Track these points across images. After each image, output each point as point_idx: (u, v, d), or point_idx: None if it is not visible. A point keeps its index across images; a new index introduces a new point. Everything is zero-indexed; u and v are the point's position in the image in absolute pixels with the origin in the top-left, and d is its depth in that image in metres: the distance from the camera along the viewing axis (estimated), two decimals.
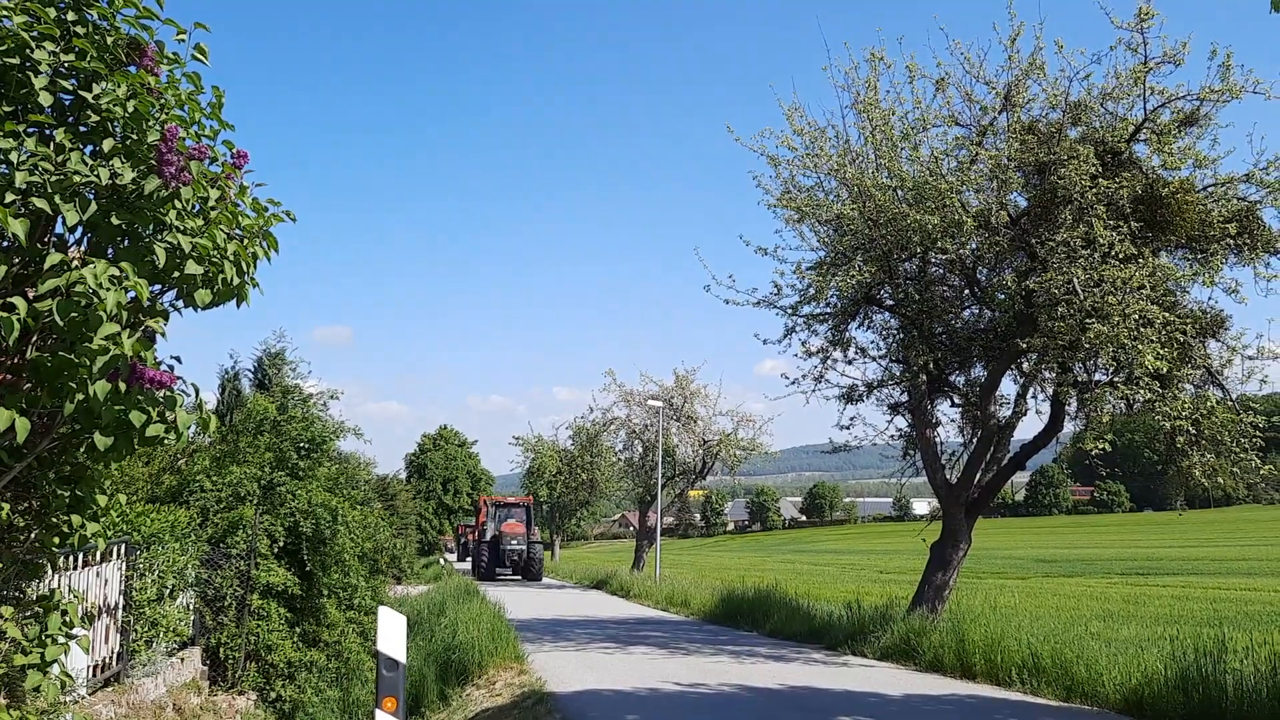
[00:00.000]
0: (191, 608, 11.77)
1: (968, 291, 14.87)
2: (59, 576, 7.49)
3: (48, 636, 4.43)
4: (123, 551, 9.40)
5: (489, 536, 39.22)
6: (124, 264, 3.65)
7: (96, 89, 3.86)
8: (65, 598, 4.66)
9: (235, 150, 4.29)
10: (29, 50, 3.71)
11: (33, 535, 4.30)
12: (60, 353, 3.67)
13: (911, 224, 13.03)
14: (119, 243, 3.93)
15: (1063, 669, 10.15)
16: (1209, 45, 12.15)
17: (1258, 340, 12.93)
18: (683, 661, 13.03)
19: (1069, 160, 12.36)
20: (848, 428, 15.46)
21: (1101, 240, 11.98)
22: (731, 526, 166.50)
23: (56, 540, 4.37)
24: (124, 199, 3.83)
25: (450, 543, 75.86)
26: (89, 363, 3.53)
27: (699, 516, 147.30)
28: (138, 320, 3.90)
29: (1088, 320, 11.81)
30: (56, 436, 3.94)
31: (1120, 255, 11.94)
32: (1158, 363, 11.52)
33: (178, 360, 4.16)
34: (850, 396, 15.55)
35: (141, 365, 3.67)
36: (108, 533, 8.44)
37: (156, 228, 3.88)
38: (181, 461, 15.63)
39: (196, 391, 4.17)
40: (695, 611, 21.43)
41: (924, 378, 14.49)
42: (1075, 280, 11.99)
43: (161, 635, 10.18)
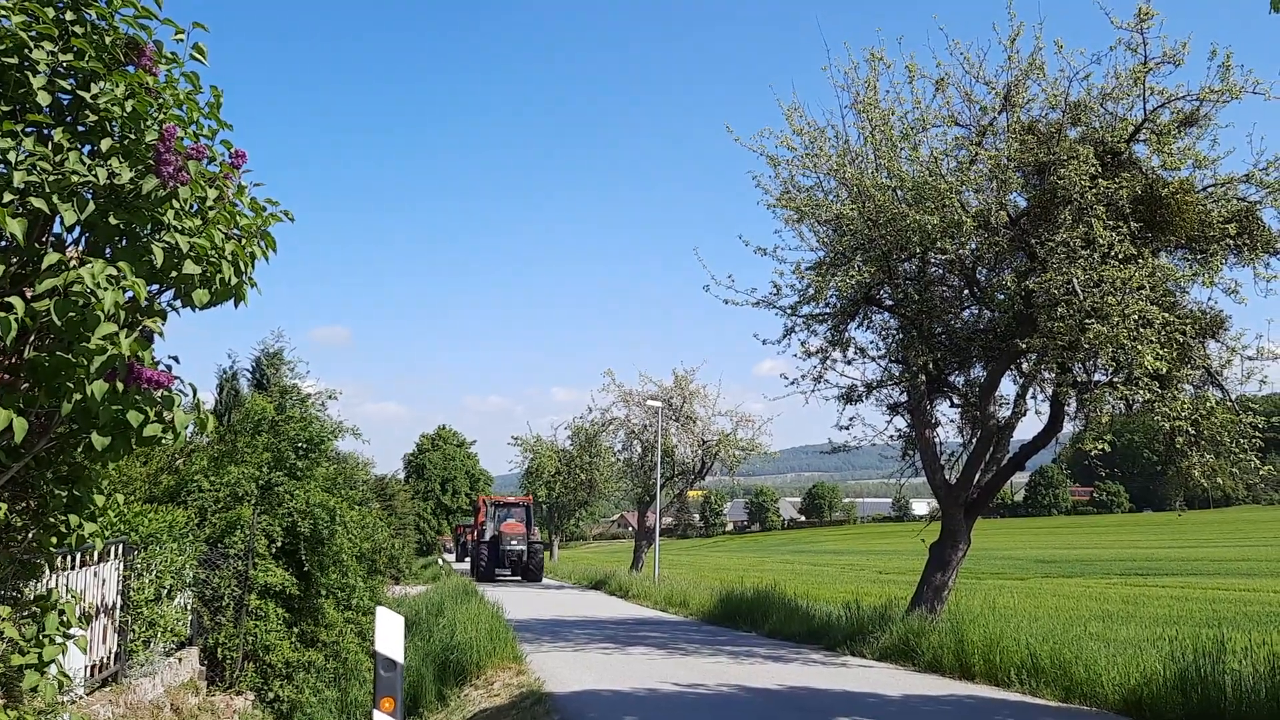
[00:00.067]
0: (189, 608, 11.76)
1: (967, 292, 14.87)
2: (56, 576, 7.48)
3: (45, 636, 4.42)
4: (120, 551, 9.39)
5: (488, 537, 38.93)
6: (122, 264, 3.64)
7: (95, 89, 3.85)
8: (63, 598, 4.65)
9: (233, 150, 4.28)
10: (27, 50, 3.70)
11: (30, 535, 4.30)
12: (58, 352, 3.67)
13: (911, 224, 13.03)
14: (117, 242, 3.92)
15: (1062, 669, 10.15)
16: (1209, 45, 12.17)
17: (1257, 341, 12.95)
18: (681, 662, 13.03)
19: (1069, 160, 12.35)
20: (847, 428, 15.48)
21: (1101, 240, 11.98)
22: (730, 527, 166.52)
23: (54, 540, 4.36)
24: (122, 199, 3.82)
25: (449, 543, 75.77)
26: (86, 362, 3.53)
27: (698, 517, 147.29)
28: (135, 320, 3.89)
29: (1087, 320, 11.81)
30: (54, 436, 3.94)
31: (1120, 256, 11.94)
32: (1157, 363, 11.52)
33: (175, 360, 4.16)
34: (849, 397, 15.55)
35: (139, 365, 3.67)
36: (105, 533, 8.46)
37: (154, 227, 3.87)
38: (179, 461, 15.62)
39: (194, 391, 4.16)
40: (694, 612, 21.43)
41: (923, 378, 14.49)
42: (1075, 280, 11.99)
43: (159, 635, 10.17)
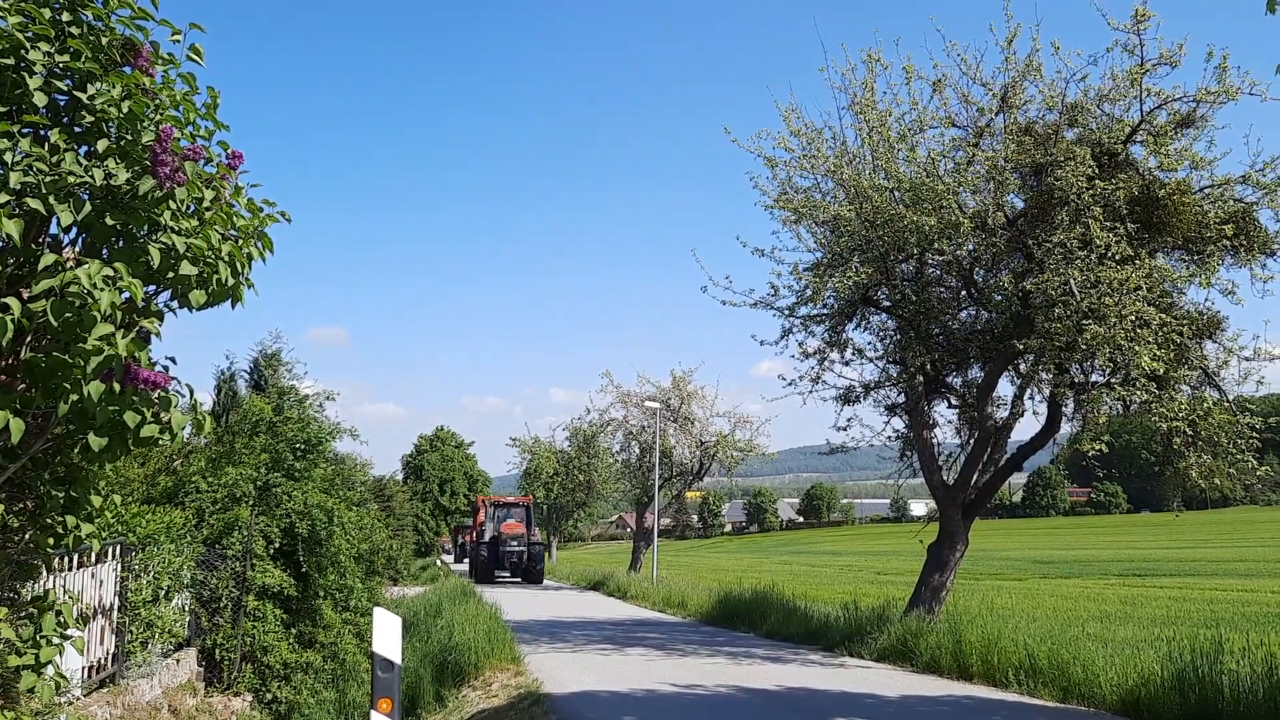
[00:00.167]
0: (187, 609, 11.76)
1: (965, 293, 14.87)
2: (53, 577, 7.48)
3: (42, 637, 4.41)
4: (118, 552, 9.39)
5: (487, 537, 38.72)
6: (118, 264, 3.64)
7: (91, 89, 3.85)
8: (60, 599, 4.64)
9: (230, 151, 4.28)
10: (24, 50, 3.70)
11: (27, 536, 4.29)
12: (54, 353, 3.66)
13: (908, 225, 13.04)
14: (113, 243, 3.91)
15: (1059, 670, 10.16)
16: (1205, 47, 12.18)
17: (1254, 341, 12.97)
18: (679, 663, 13.03)
19: (1066, 162, 12.37)
20: (845, 429, 15.47)
21: (1098, 241, 11.99)
22: (729, 528, 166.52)
23: (51, 541, 4.35)
24: (119, 199, 3.82)
25: (447, 544, 75.57)
26: (83, 363, 3.52)
27: (696, 518, 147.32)
28: (132, 321, 3.89)
29: (1084, 321, 11.82)
30: (51, 437, 3.93)
31: (1117, 256, 11.95)
32: (1154, 364, 11.53)
33: (173, 361, 4.16)
34: (847, 398, 15.55)
35: (136, 366, 3.66)
36: (103, 534, 8.45)
37: (151, 228, 3.87)
38: (177, 462, 15.62)
39: (191, 392, 4.16)
40: (692, 613, 21.43)
41: (921, 379, 14.49)
42: (1072, 281, 12.00)
43: (157, 636, 10.17)
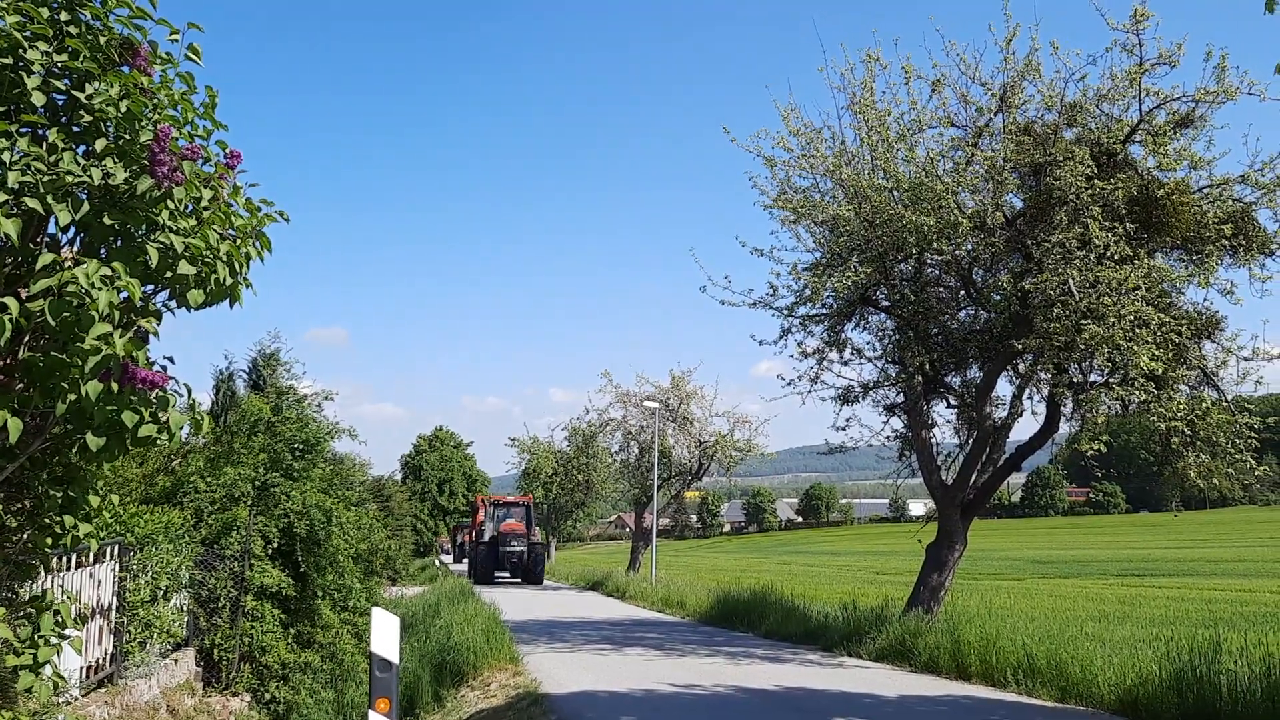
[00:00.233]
0: (185, 609, 11.75)
1: (963, 292, 14.88)
2: (52, 577, 7.47)
3: (40, 637, 4.40)
4: (116, 553, 9.38)
5: (487, 537, 38.47)
6: (116, 264, 3.63)
7: (89, 89, 3.85)
8: (58, 599, 4.64)
9: (228, 150, 4.27)
10: (22, 50, 3.70)
11: (25, 536, 4.28)
12: (52, 353, 3.66)
13: (907, 225, 13.04)
14: (111, 243, 3.91)
15: (1058, 670, 10.16)
16: (1204, 46, 12.19)
17: (1253, 341, 12.98)
18: (678, 663, 13.03)
19: (1064, 161, 12.37)
20: (844, 429, 15.47)
21: (1097, 241, 11.99)
22: (728, 528, 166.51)
23: (49, 541, 4.35)
24: (117, 199, 3.81)
25: (446, 544, 75.47)
26: (81, 363, 3.52)
27: (695, 518, 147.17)
28: (130, 320, 3.88)
29: (1083, 321, 11.82)
30: (49, 437, 3.93)
31: (1116, 256, 11.95)
32: (1153, 364, 11.53)
33: (171, 361, 4.16)
34: (846, 398, 15.55)
35: (134, 365, 3.66)
36: (101, 534, 8.43)
37: (149, 228, 3.87)
38: (175, 462, 15.61)
39: (189, 392, 4.16)
40: (691, 613, 21.43)
41: (920, 379, 14.49)
42: (1071, 281, 12.00)
43: (155, 636, 10.16)
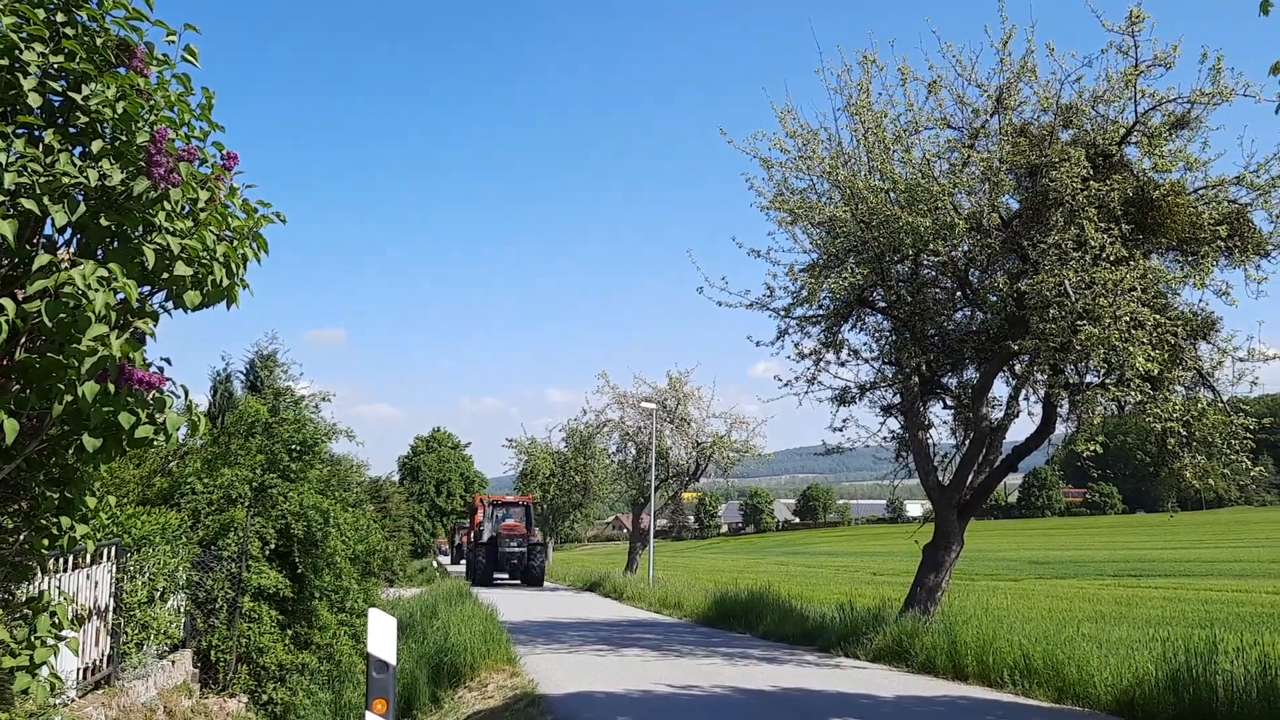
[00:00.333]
0: (182, 610, 11.74)
1: (960, 294, 14.90)
2: (48, 579, 7.47)
3: (36, 638, 4.40)
4: (113, 554, 9.37)
5: (485, 538, 38.20)
6: (113, 265, 3.64)
7: (86, 90, 3.85)
8: (55, 600, 4.64)
9: (225, 152, 4.27)
10: (18, 51, 3.69)
11: (21, 537, 4.28)
12: (49, 354, 3.66)
13: (904, 226, 13.06)
14: (108, 244, 3.91)
15: (1054, 670, 10.17)
16: (1199, 48, 12.23)
17: (1248, 342, 13.00)
18: (675, 663, 13.03)
19: (1060, 163, 12.39)
20: (841, 430, 15.49)
21: (1093, 242, 12.01)
22: (725, 529, 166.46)
23: (46, 542, 4.34)
24: (113, 200, 3.81)
25: (443, 545, 75.37)
26: (77, 364, 3.52)
27: (692, 519, 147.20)
28: (127, 321, 3.88)
29: (1079, 322, 11.84)
30: (45, 438, 3.93)
31: (1111, 257, 11.98)
32: (1149, 365, 11.56)
33: (168, 362, 4.15)
34: (843, 398, 15.57)
35: (130, 366, 3.66)
36: (97, 535, 8.43)
37: (145, 229, 3.87)
38: (173, 464, 15.60)
39: (186, 393, 4.15)
40: (688, 613, 21.43)
41: (916, 380, 14.51)
42: (1067, 282, 12.03)
43: (152, 638, 10.15)
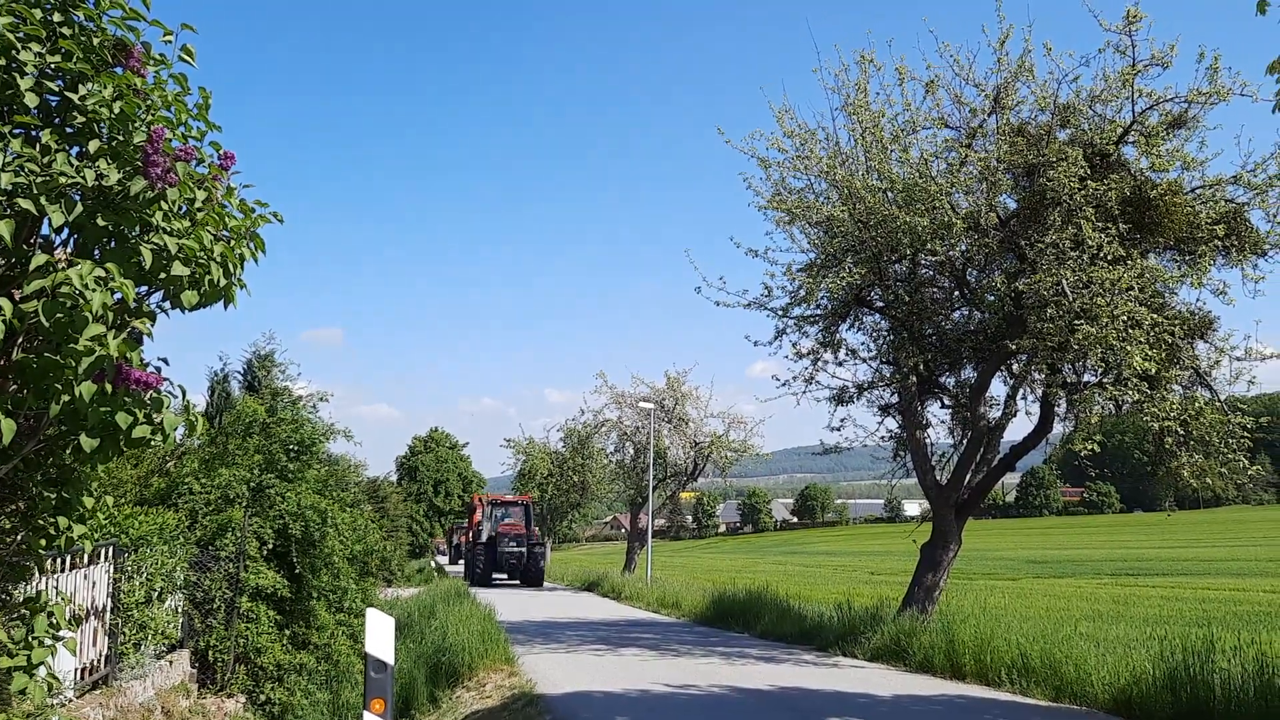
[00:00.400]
0: (180, 610, 11.73)
1: (957, 293, 14.91)
2: (46, 579, 7.46)
3: (34, 639, 4.40)
4: (110, 554, 9.37)
5: (484, 538, 38.00)
6: (110, 265, 3.64)
7: (82, 90, 3.85)
8: (52, 600, 4.64)
9: (222, 151, 4.28)
10: (15, 51, 3.69)
11: (19, 538, 4.28)
12: (46, 354, 3.66)
13: (901, 226, 13.06)
14: (105, 244, 3.91)
15: (1052, 669, 10.18)
16: (1197, 48, 12.23)
17: (1245, 341, 13.01)
18: (673, 663, 13.03)
19: (1058, 162, 12.40)
20: (838, 429, 15.50)
21: (1090, 242, 12.02)
22: (723, 528, 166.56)
23: (43, 542, 4.34)
24: (110, 200, 3.81)
25: (441, 545, 75.30)
26: (75, 364, 3.52)
27: (690, 518, 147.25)
28: (124, 321, 3.88)
29: (1076, 321, 11.85)
30: (43, 438, 3.93)
31: (1109, 257, 11.98)
32: (1146, 364, 11.56)
33: (165, 362, 4.15)
34: (841, 398, 15.57)
35: (128, 366, 3.66)
36: (95, 535, 8.43)
37: (143, 229, 3.87)
38: (170, 464, 15.59)
39: (184, 393, 4.15)
40: (686, 613, 21.43)
41: (914, 379, 14.52)
42: (1064, 282, 12.04)
43: (150, 638, 10.14)
